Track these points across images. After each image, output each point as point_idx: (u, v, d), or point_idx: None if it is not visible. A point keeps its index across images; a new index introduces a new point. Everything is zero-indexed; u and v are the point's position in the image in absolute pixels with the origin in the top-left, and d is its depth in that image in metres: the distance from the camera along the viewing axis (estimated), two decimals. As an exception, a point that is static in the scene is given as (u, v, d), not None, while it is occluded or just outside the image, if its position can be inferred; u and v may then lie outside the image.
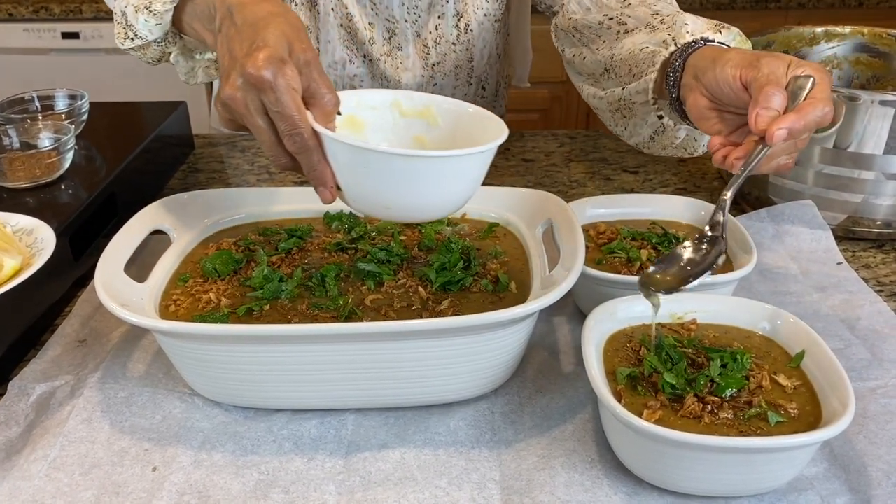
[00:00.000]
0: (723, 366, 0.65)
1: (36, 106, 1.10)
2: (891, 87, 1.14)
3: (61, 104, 1.10)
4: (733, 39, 0.85)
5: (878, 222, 0.96)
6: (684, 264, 0.68)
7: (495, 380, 0.71)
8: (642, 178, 1.16)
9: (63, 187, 0.95)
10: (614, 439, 0.64)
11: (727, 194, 0.69)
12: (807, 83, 0.69)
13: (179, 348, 0.69)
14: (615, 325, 0.71)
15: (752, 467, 0.59)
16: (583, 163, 1.21)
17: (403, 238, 0.83)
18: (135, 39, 0.84)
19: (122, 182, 0.99)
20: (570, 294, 0.68)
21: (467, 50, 1.17)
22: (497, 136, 0.68)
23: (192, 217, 0.84)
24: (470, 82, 1.21)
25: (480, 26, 1.16)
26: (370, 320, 0.70)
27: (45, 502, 0.62)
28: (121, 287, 0.71)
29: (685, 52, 0.80)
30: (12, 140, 0.98)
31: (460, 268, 0.76)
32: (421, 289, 0.74)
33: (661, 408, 0.62)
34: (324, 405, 0.71)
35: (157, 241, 0.82)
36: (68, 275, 0.88)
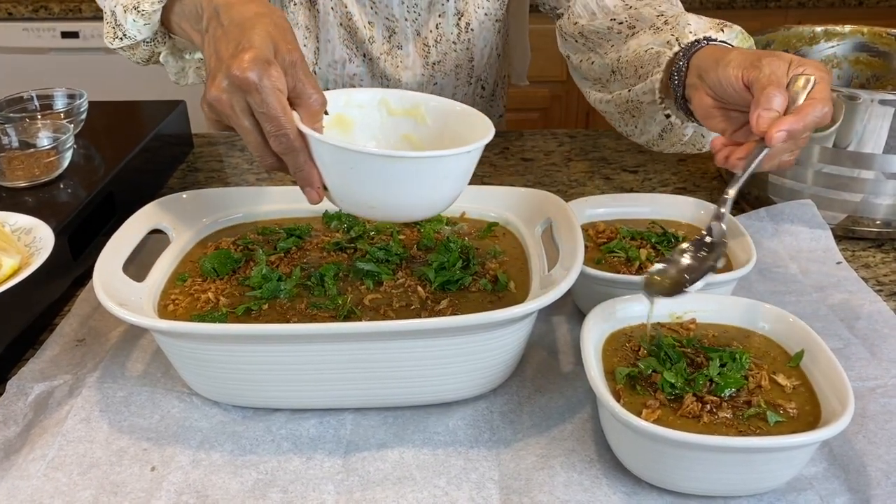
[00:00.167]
0: (722, 365, 0.65)
1: (35, 105, 1.09)
2: (890, 87, 1.14)
3: (60, 103, 1.10)
4: (735, 37, 0.85)
5: (878, 222, 0.96)
6: (684, 267, 0.68)
7: (494, 379, 0.71)
8: (642, 178, 1.16)
9: (62, 186, 0.94)
10: (613, 439, 0.64)
11: (730, 192, 0.70)
12: (807, 83, 0.69)
13: (178, 348, 0.69)
14: (614, 325, 0.71)
15: (752, 467, 0.59)
16: (582, 162, 1.21)
17: (402, 237, 0.83)
18: (123, 39, 0.84)
19: (121, 181, 0.99)
20: (569, 293, 0.68)
21: (468, 49, 1.17)
22: (483, 135, 0.68)
23: (190, 216, 0.84)
24: (470, 81, 1.21)
25: (481, 25, 1.16)
26: (369, 320, 0.70)
27: (44, 502, 0.62)
28: (119, 286, 0.71)
29: (689, 51, 0.81)
30: (11, 139, 0.98)
31: (459, 267, 0.76)
32: (420, 288, 0.74)
33: (660, 407, 0.62)
34: (322, 405, 0.71)
35: (155, 240, 0.82)
36: (67, 274, 0.87)
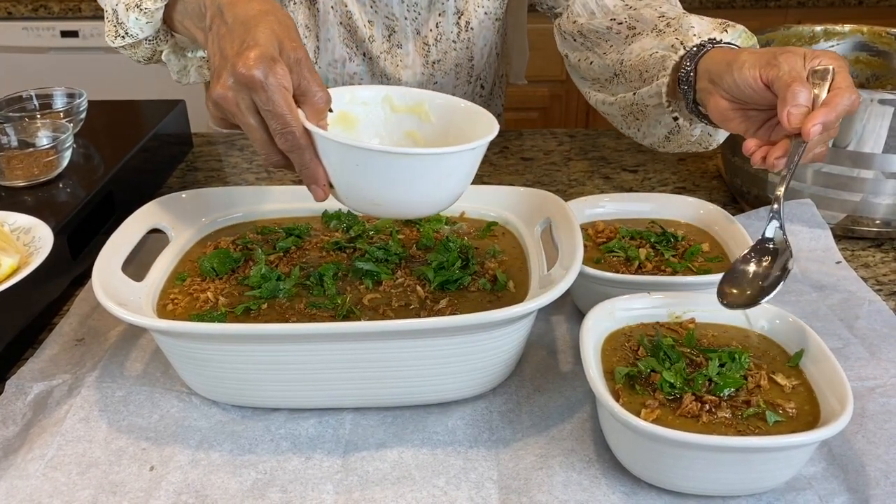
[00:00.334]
0: (721, 365, 0.65)
1: (34, 104, 1.09)
2: (890, 86, 1.13)
3: (59, 103, 1.10)
4: (739, 37, 0.85)
5: (878, 221, 0.96)
6: (757, 276, 0.67)
7: (493, 379, 0.71)
8: (641, 177, 1.16)
9: (61, 186, 0.94)
10: (612, 439, 0.64)
11: (779, 191, 0.70)
12: (827, 74, 0.69)
13: (177, 347, 0.69)
14: (613, 325, 0.71)
15: (750, 467, 0.59)
16: (582, 161, 1.21)
17: (402, 237, 0.82)
18: (125, 37, 0.84)
19: (121, 181, 0.99)
20: (568, 293, 0.68)
21: (468, 48, 1.17)
22: (487, 132, 0.68)
23: (190, 216, 0.84)
24: (469, 80, 1.21)
25: (481, 24, 1.16)
26: (368, 319, 0.70)
27: (43, 502, 0.62)
28: (118, 286, 0.71)
29: (695, 55, 0.81)
30: (10, 138, 0.98)
31: (458, 267, 0.76)
32: (419, 288, 0.74)
33: (659, 407, 0.62)
34: (322, 404, 0.71)
35: (154, 239, 0.82)
36: (66, 273, 0.87)
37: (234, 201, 0.87)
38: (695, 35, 0.85)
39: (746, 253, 0.69)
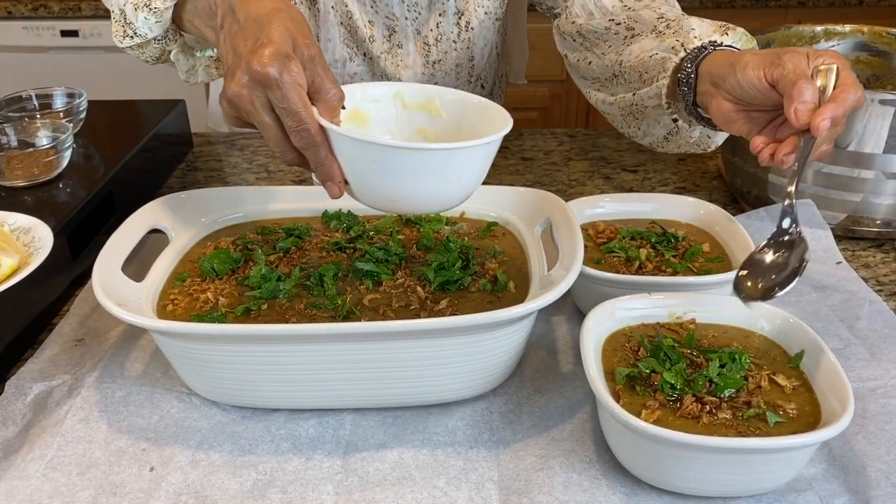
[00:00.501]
0: (721, 366, 0.65)
1: (34, 104, 1.09)
2: (890, 86, 1.13)
3: (59, 102, 1.10)
4: (739, 40, 0.85)
5: (878, 222, 0.96)
6: (772, 269, 0.67)
7: (494, 380, 0.71)
8: (641, 177, 1.16)
9: (61, 186, 0.94)
10: (613, 439, 0.64)
11: (791, 188, 0.69)
12: (832, 71, 0.70)
13: (177, 348, 0.69)
14: (614, 325, 0.71)
15: (751, 468, 0.59)
16: (582, 161, 1.21)
17: (402, 237, 0.82)
18: (134, 37, 0.83)
19: (121, 181, 0.99)
20: (568, 293, 0.68)
21: (468, 48, 1.17)
22: (501, 127, 0.68)
23: (190, 216, 0.84)
24: (470, 80, 1.21)
25: (481, 24, 1.15)
26: (368, 320, 0.70)
27: (43, 502, 0.62)
28: (118, 286, 0.71)
29: (696, 58, 0.81)
30: (10, 138, 0.98)
31: (459, 267, 0.76)
32: (419, 288, 0.74)
33: (660, 408, 0.62)
34: (322, 405, 0.71)
35: (154, 239, 0.82)
36: (66, 274, 0.87)
37: (234, 201, 0.87)
38: (695, 37, 0.85)
39: (762, 246, 0.69)
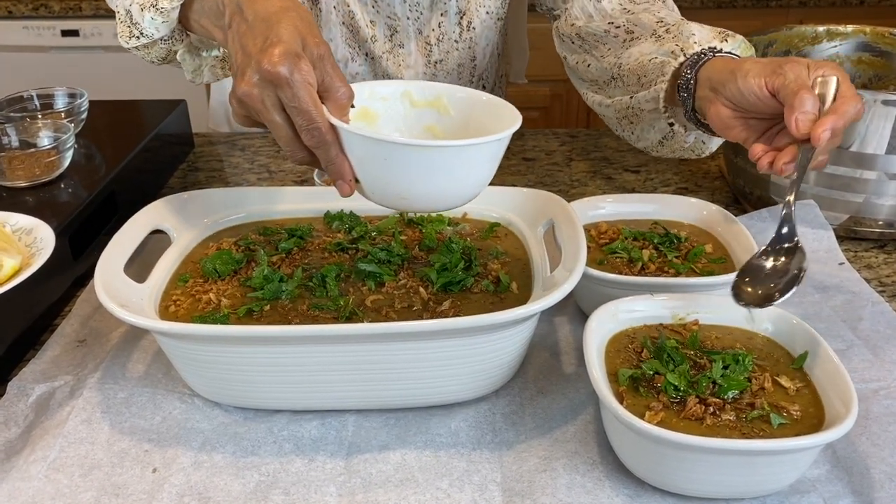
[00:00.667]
0: (725, 367, 0.65)
1: (35, 104, 1.09)
2: (893, 87, 1.13)
3: (61, 103, 1.10)
4: (738, 47, 0.86)
5: (880, 222, 0.96)
6: (772, 275, 0.68)
7: (496, 381, 0.71)
8: (643, 178, 1.15)
9: (62, 186, 0.94)
10: (616, 441, 0.64)
11: (790, 197, 0.70)
12: (832, 83, 0.71)
13: (179, 349, 0.68)
14: (617, 326, 0.71)
15: (755, 470, 0.59)
16: (584, 162, 1.21)
17: (404, 238, 0.82)
18: (140, 38, 0.83)
19: (122, 181, 0.99)
20: (571, 294, 0.68)
21: (470, 48, 1.17)
22: (511, 124, 0.68)
23: (192, 216, 0.84)
24: (472, 80, 1.21)
25: (483, 24, 1.15)
26: (371, 321, 0.70)
27: (45, 504, 0.62)
28: (120, 287, 0.71)
29: (696, 63, 0.81)
30: (11, 139, 0.98)
31: (461, 268, 0.75)
32: (422, 289, 0.74)
33: (663, 409, 0.61)
34: (324, 406, 0.71)
35: (156, 240, 0.82)
36: (68, 274, 0.87)
37: (235, 202, 0.87)
38: (695, 42, 0.85)
39: (760, 252, 0.69)
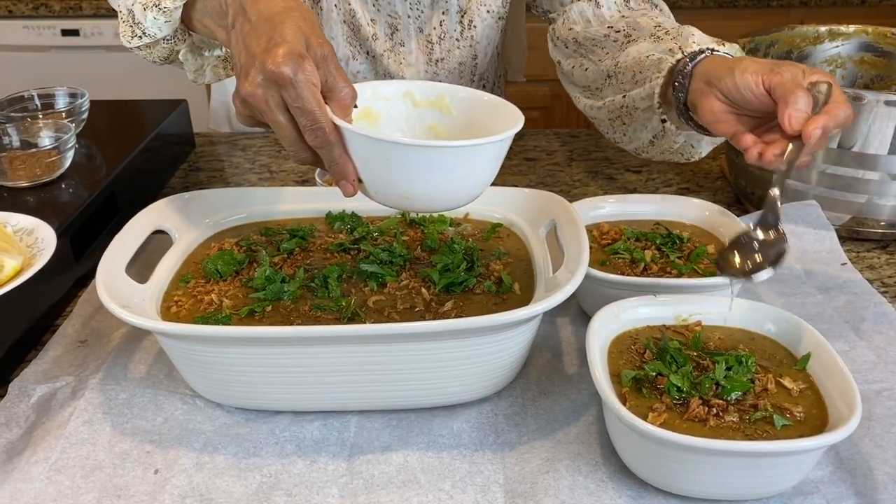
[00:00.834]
0: (728, 368, 0.65)
1: (36, 104, 1.09)
2: (895, 87, 1.13)
3: (61, 102, 1.10)
4: (735, 51, 0.88)
5: (883, 223, 0.96)
6: (756, 250, 0.71)
7: (499, 382, 0.71)
8: (645, 178, 1.15)
9: (63, 186, 0.94)
10: (619, 442, 0.64)
11: (776, 192, 0.72)
12: (825, 88, 0.73)
13: (181, 350, 0.68)
14: (619, 327, 0.70)
15: (758, 471, 0.59)
16: (585, 162, 1.21)
17: (406, 239, 0.82)
18: (143, 38, 0.83)
19: (123, 181, 0.99)
20: (573, 295, 0.68)
21: (471, 46, 1.17)
22: (513, 124, 0.68)
23: (193, 217, 0.84)
24: (473, 79, 1.21)
25: (483, 23, 1.16)
26: (373, 322, 0.69)
27: (47, 505, 0.62)
28: (122, 288, 0.70)
29: (694, 58, 0.83)
30: (12, 139, 0.98)
31: (463, 269, 0.75)
32: (424, 290, 0.73)
33: (666, 411, 0.61)
34: (326, 407, 0.71)
35: (158, 240, 0.82)
36: (69, 275, 0.87)
37: (237, 202, 0.87)
38: (694, 42, 0.87)
39: (747, 231, 0.72)
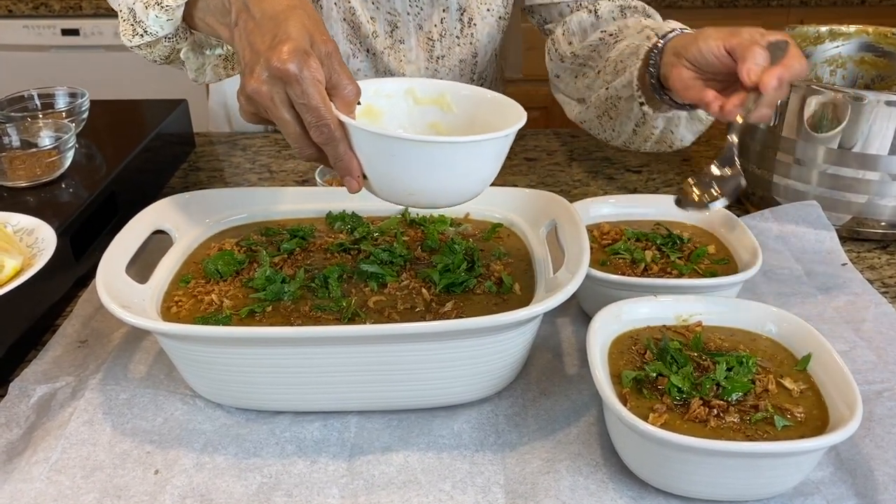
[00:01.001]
0: (728, 369, 0.65)
1: (36, 104, 1.09)
2: None
3: (62, 102, 1.10)
4: None
5: (883, 223, 0.96)
6: (712, 182, 0.79)
7: (499, 382, 0.71)
8: (645, 178, 1.15)
9: (63, 186, 0.94)
10: (619, 443, 0.64)
11: (734, 138, 0.79)
12: (781, 45, 0.79)
13: (181, 350, 0.68)
14: (620, 328, 0.70)
15: (758, 472, 0.58)
16: (585, 162, 1.21)
17: (406, 239, 0.82)
18: (144, 36, 0.83)
19: (123, 181, 0.99)
20: (574, 295, 0.68)
21: (471, 44, 1.17)
22: (516, 121, 0.68)
23: (193, 217, 0.84)
24: (473, 77, 1.22)
25: (483, 21, 1.16)
26: (373, 322, 0.69)
27: (47, 505, 0.62)
28: (122, 288, 0.70)
29: (665, 37, 0.91)
30: (12, 139, 0.98)
31: (464, 269, 0.75)
32: (424, 290, 0.73)
33: (667, 411, 0.61)
34: (326, 407, 0.71)
35: (158, 240, 0.82)
36: (69, 275, 0.87)
37: (237, 202, 0.87)
38: (668, 27, 0.93)
39: (707, 169, 0.80)
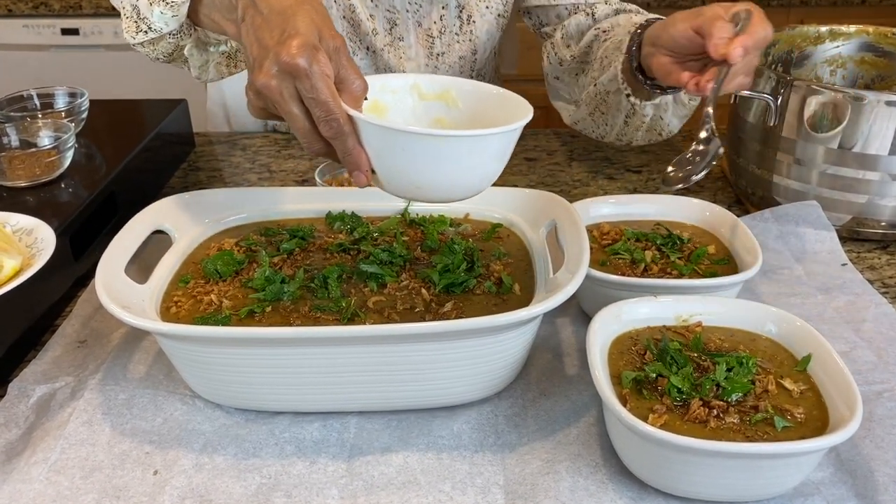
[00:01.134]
0: (728, 370, 0.64)
1: (35, 104, 1.09)
2: (896, 87, 1.13)
3: (61, 102, 1.10)
4: None
5: (883, 223, 0.96)
6: (692, 160, 0.82)
7: (499, 383, 0.71)
8: (645, 178, 1.15)
9: (63, 186, 0.94)
10: (619, 443, 0.64)
11: (709, 109, 0.82)
12: (745, 14, 0.81)
13: (180, 350, 0.68)
14: (620, 328, 0.70)
15: (758, 473, 0.58)
16: (585, 162, 1.21)
17: (406, 239, 0.82)
18: (148, 32, 0.83)
19: (123, 181, 0.99)
20: (573, 296, 0.67)
21: (471, 41, 1.18)
22: (523, 116, 0.68)
23: (193, 217, 0.84)
24: (472, 74, 1.22)
25: (483, 18, 1.16)
26: (373, 322, 0.69)
27: (46, 506, 0.62)
28: (122, 288, 0.70)
29: (643, 29, 0.93)
30: (11, 139, 0.98)
31: (463, 269, 0.75)
32: (424, 291, 0.73)
33: (667, 412, 0.61)
34: (326, 408, 0.71)
35: (157, 240, 0.82)
36: (68, 275, 0.87)
37: (237, 202, 0.87)
38: (645, 19, 0.96)
39: (687, 150, 0.83)
